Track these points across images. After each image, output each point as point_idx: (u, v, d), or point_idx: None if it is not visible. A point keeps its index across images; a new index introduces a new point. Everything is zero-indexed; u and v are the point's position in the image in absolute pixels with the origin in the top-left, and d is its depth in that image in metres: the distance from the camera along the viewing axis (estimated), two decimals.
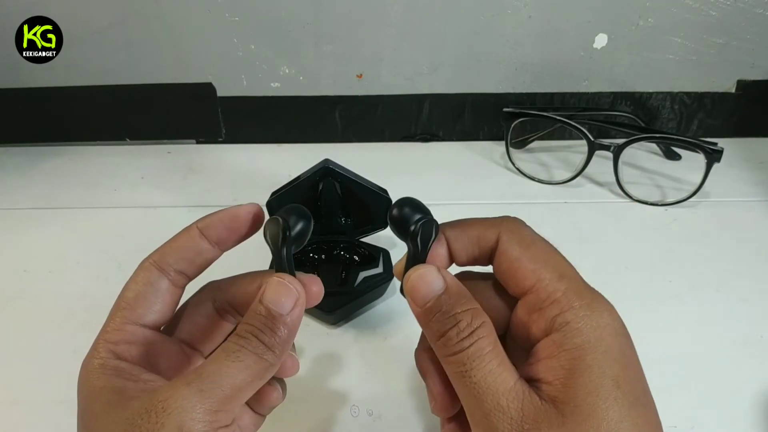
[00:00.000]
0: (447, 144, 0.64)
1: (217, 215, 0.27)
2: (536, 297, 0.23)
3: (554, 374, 0.21)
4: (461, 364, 0.22)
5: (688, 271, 0.46)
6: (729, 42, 0.57)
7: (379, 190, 0.43)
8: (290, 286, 0.24)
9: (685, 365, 0.38)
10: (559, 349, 0.21)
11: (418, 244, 0.25)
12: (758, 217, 0.52)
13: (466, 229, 0.26)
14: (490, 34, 0.57)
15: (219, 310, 0.28)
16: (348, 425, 0.35)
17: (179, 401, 0.21)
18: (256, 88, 0.61)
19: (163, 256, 0.26)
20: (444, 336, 0.23)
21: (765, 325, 0.41)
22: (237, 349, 0.23)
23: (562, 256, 0.24)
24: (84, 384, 0.24)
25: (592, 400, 0.20)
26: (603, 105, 0.62)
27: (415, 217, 0.25)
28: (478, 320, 0.23)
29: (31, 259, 0.48)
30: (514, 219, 0.26)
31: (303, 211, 0.26)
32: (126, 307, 0.25)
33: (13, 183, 0.59)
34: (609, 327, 0.22)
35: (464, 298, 0.23)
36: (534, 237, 0.25)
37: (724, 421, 0.35)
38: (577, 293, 0.22)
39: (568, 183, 0.57)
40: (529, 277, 0.23)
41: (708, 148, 0.50)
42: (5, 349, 0.40)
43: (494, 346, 0.22)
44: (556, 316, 0.22)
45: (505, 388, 0.21)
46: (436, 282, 0.24)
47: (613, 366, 0.21)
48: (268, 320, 0.23)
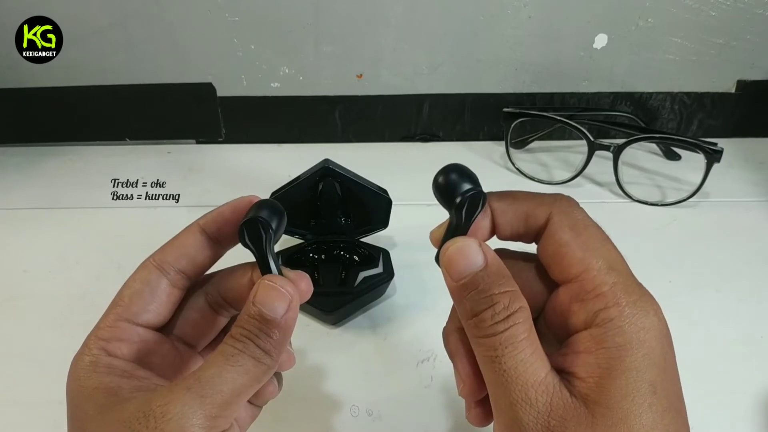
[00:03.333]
0: (447, 144, 0.64)
1: (217, 210, 0.26)
2: (581, 287, 0.22)
3: (589, 371, 0.20)
4: (492, 349, 0.21)
5: (688, 271, 0.46)
6: (729, 42, 0.57)
7: (379, 190, 0.43)
8: (282, 290, 0.23)
9: (685, 365, 0.38)
10: (598, 346, 0.20)
11: (462, 216, 0.23)
12: (758, 217, 0.52)
13: (515, 203, 0.24)
14: (490, 35, 0.57)
15: (212, 304, 0.27)
16: (348, 425, 0.35)
17: (179, 407, 0.21)
18: (256, 88, 0.61)
19: (163, 255, 0.26)
20: (477, 316, 0.21)
21: (765, 325, 0.41)
22: (235, 353, 0.22)
23: (615, 247, 0.23)
24: (75, 383, 0.23)
25: (626, 405, 0.19)
26: (603, 105, 0.62)
27: (463, 187, 0.23)
28: (516, 304, 0.21)
29: (31, 259, 0.48)
30: (568, 199, 0.24)
31: (275, 206, 0.25)
32: (120, 304, 0.25)
33: (13, 183, 0.59)
34: (653, 329, 0.20)
35: (503, 279, 0.22)
36: (587, 222, 0.23)
37: (724, 421, 0.35)
38: (626, 289, 0.21)
39: (568, 183, 0.57)
40: (577, 264, 0.22)
41: (708, 149, 0.50)
42: (5, 349, 0.40)
43: (529, 334, 0.21)
44: (600, 310, 0.21)
45: (536, 380, 0.20)
46: (476, 257, 0.22)
47: (652, 370, 0.20)
48: (263, 324, 0.23)
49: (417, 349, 0.39)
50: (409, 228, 0.48)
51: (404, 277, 0.44)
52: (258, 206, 0.25)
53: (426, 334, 0.40)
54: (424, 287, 0.44)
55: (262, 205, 0.25)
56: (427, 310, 0.43)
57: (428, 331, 0.41)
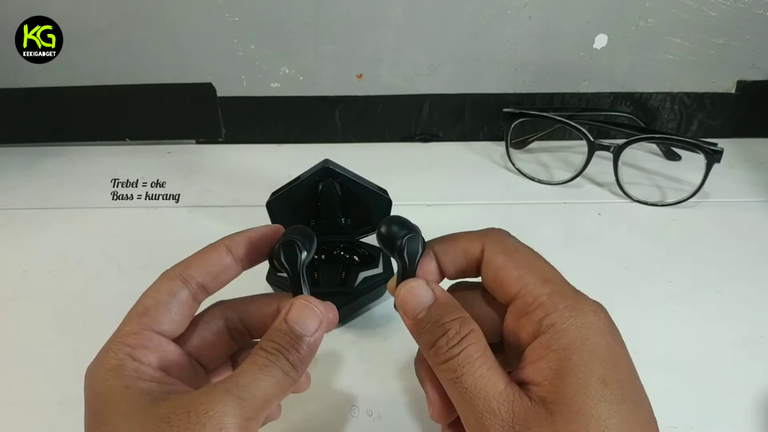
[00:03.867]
0: (447, 144, 0.64)
1: (245, 234, 0.28)
2: (523, 302, 0.24)
3: (543, 375, 0.22)
4: (452, 371, 0.23)
5: (688, 272, 0.46)
6: (729, 42, 0.57)
7: (379, 190, 0.43)
8: (316, 309, 0.25)
9: (685, 365, 0.38)
10: (546, 351, 0.22)
11: (405, 260, 0.26)
12: (758, 218, 0.52)
13: (453, 243, 0.27)
14: (490, 35, 0.57)
15: (230, 330, 0.28)
16: (348, 425, 0.35)
17: (221, 406, 0.22)
18: (256, 88, 0.61)
19: (187, 269, 0.26)
20: (435, 345, 0.24)
21: (765, 325, 0.41)
22: (268, 363, 0.23)
23: (546, 262, 0.25)
24: (100, 383, 0.23)
25: (580, 399, 0.21)
26: (603, 105, 0.62)
27: (401, 234, 0.26)
28: (467, 328, 0.23)
29: (31, 259, 0.48)
30: (498, 230, 0.27)
31: (308, 231, 0.27)
32: (145, 313, 0.25)
33: (13, 183, 0.59)
34: (594, 326, 0.22)
35: (452, 308, 0.24)
36: (517, 245, 0.26)
37: (724, 421, 0.35)
38: (562, 295, 0.23)
39: (568, 183, 0.57)
40: (514, 283, 0.24)
41: (708, 149, 0.50)
42: (5, 349, 0.40)
43: (483, 352, 0.23)
44: (542, 318, 0.23)
45: (496, 392, 0.22)
46: (425, 294, 0.25)
47: (599, 364, 0.21)
48: (292, 339, 0.24)
49: (417, 349, 0.39)
50: None
51: None
52: (292, 230, 0.27)
53: None
54: None
55: (296, 230, 0.27)
56: None
57: None
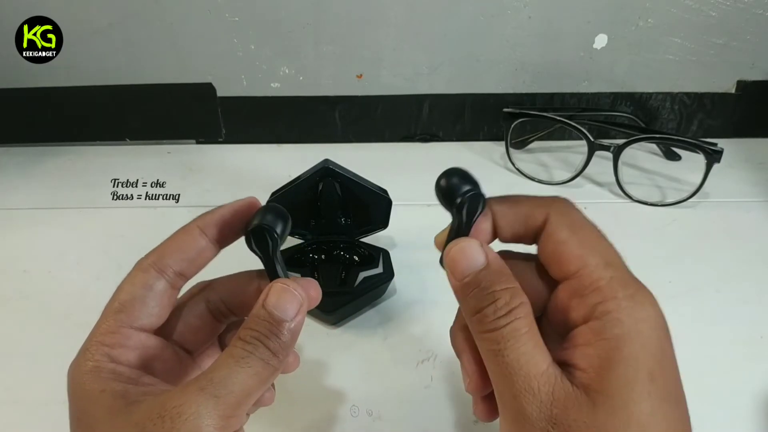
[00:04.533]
0: (447, 144, 0.64)
1: (217, 212, 0.26)
2: (579, 283, 0.22)
3: (589, 362, 0.21)
4: (495, 343, 0.22)
5: (688, 272, 0.46)
6: (729, 42, 0.57)
7: (379, 190, 0.43)
8: (294, 292, 0.24)
9: (685, 365, 0.38)
10: (597, 338, 0.21)
11: (463, 217, 0.24)
12: (758, 218, 0.52)
13: (515, 205, 0.25)
14: (490, 35, 0.57)
15: (212, 311, 0.28)
16: (348, 425, 0.35)
17: (194, 407, 0.21)
18: (256, 88, 0.61)
19: (162, 257, 0.25)
20: (480, 312, 0.22)
21: (765, 325, 0.41)
22: (245, 354, 0.23)
23: (611, 244, 0.24)
24: (79, 387, 0.23)
25: (625, 392, 0.20)
26: (603, 105, 0.62)
27: (463, 189, 0.24)
28: (517, 300, 0.22)
29: (31, 259, 0.48)
30: (564, 200, 0.25)
31: (279, 210, 0.26)
32: (121, 309, 0.24)
33: (13, 183, 0.59)
34: (650, 320, 0.21)
35: (504, 276, 0.23)
36: (584, 221, 0.24)
37: (724, 421, 0.35)
38: (622, 283, 0.22)
39: (568, 183, 0.57)
40: (575, 261, 0.23)
41: (708, 149, 0.50)
42: (5, 349, 0.40)
43: (530, 328, 0.22)
44: (598, 303, 0.21)
45: (538, 371, 0.21)
46: (477, 257, 0.23)
47: (649, 360, 0.20)
48: (273, 326, 0.23)
49: (417, 349, 0.39)
50: (409, 228, 0.48)
51: (404, 278, 0.44)
52: (263, 212, 0.25)
53: (426, 335, 0.40)
54: (424, 287, 0.44)
55: (267, 210, 0.25)
56: (427, 310, 0.43)
57: (428, 332, 0.41)
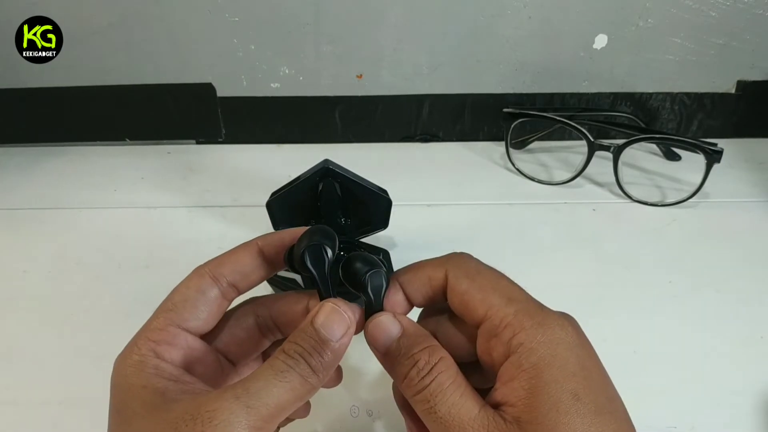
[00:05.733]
0: (447, 144, 0.64)
1: (279, 235, 0.27)
2: (491, 324, 0.24)
3: (516, 395, 0.22)
4: (426, 401, 0.23)
5: (688, 272, 0.46)
6: (729, 42, 0.57)
7: (379, 190, 0.43)
8: (344, 314, 0.25)
9: (685, 365, 0.38)
10: (518, 370, 0.22)
11: (370, 295, 0.26)
12: (758, 218, 0.52)
13: (417, 272, 0.27)
14: (490, 35, 0.57)
15: (261, 326, 0.28)
16: (348, 425, 0.35)
17: (226, 414, 0.21)
18: (256, 88, 0.61)
19: (219, 266, 0.26)
20: (407, 377, 0.24)
21: (765, 325, 0.41)
22: (285, 368, 0.23)
23: (509, 281, 0.25)
24: (122, 379, 0.23)
25: (552, 416, 0.21)
26: (603, 105, 0.62)
27: (363, 270, 0.26)
28: (436, 356, 0.24)
29: (31, 259, 0.48)
30: (460, 254, 0.27)
31: (330, 231, 0.26)
32: (172, 309, 0.25)
33: (13, 183, 0.59)
34: (563, 341, 0.22)
35: (420, 338, 0.24)
36: (479, 267, 0.26)
37: (724, 422, 0.35)
38: (527, 313, 0.23)
39: (568, 183, 0.57)
40: (480, 306, 0.24)
41: (708, 149, 0.50)
42: (5, 349, 0.40)
43: (455, 379, 0.23)
44: (511, 338, 0.23)
45: (470, 417, 0.22)
46: (392, 327, 0.25)
47: (570, 379, 0.21)
48: (317, 344, 0.24)
49: None
50: (409, 228, 0.48)
51: None
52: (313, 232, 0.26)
53: None
54: None
55: (318, 231, 0.26)
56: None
57: None
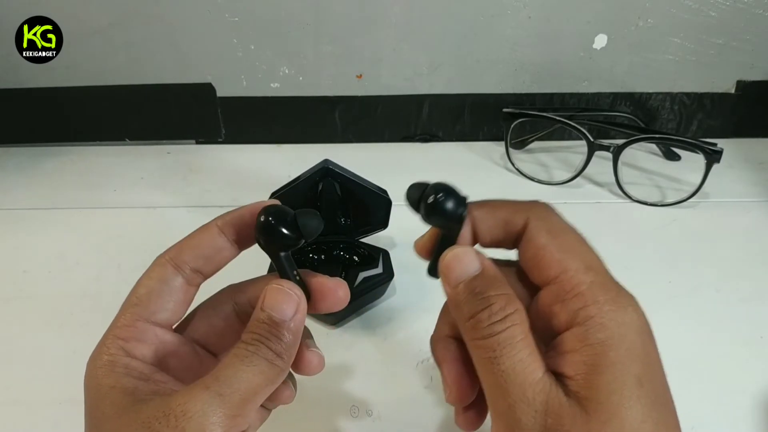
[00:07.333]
0: (447, 144, 0.64)
1: (237, 212, 0.26)
2: (560, 288, 0.22)
3: (576, 369, 0.21)
4: (490, 350, 0.21)
5: (688, 272, 0.46)
6: (728, 42, 0.57)
7: (378, 190, 0.43)
8: (289, 292, 0.24)
9: (685, 365, 0.38)
10: (581, 344, 0.21)
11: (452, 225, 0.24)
12: (758, 218, 0.52)
13: (494, 210, 0.25)
14: (490, 35, 0.57)
15: (239, 313, 0.27)
16: (348, 425, 0.35)
17: (199, 405, 0.21)
18: (256, 88, 0.61)
19: (179, 253, 0.25)
20: (474, 317, 0.22)
21: (765, 325, 0.41)
22: (248, 354, 0.23)
23: (592, 248, 0.23)
24: (92, 381, 0.23)
25: (615, 399, 0.20)
26: (603, 105, 0.62)
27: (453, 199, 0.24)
28: (512, 306, 0.22)
29: (31, 259, 0.48)
30: (544, 205, 0.25)
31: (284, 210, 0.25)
32: (138, 303, 0.24)
33: (13, 183, 0.59)
34: (633, 324, 0.21)
35: (499, 282, 0.23)
36: (564, 225, 0.24)
37: (724, 421, 0.35)
38: (603, 287, 0.22)
39: (567, 183, 0.57)
40: (555, 266, 0.22)
41: (708, 149, 0.50)
42: (5, 349, 0.40)
43: (526, 335, 0.21)
44: (580, 309, 0.21)
45: (533, 380, 0.20)
46: (472, 263, 0.23)
47: (636, 364, 0.20)
48: (272, 327, 0.23)
49: (417, 349, 0.39)
50: (409, 228, 0.48)
51: (404, 278, 0.44)
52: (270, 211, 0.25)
53: (426, 335, 0.40)
54: (423, 288, 0.44)
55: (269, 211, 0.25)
56: (426, 310, 0.42)
57: (428, 332, 0.40)
